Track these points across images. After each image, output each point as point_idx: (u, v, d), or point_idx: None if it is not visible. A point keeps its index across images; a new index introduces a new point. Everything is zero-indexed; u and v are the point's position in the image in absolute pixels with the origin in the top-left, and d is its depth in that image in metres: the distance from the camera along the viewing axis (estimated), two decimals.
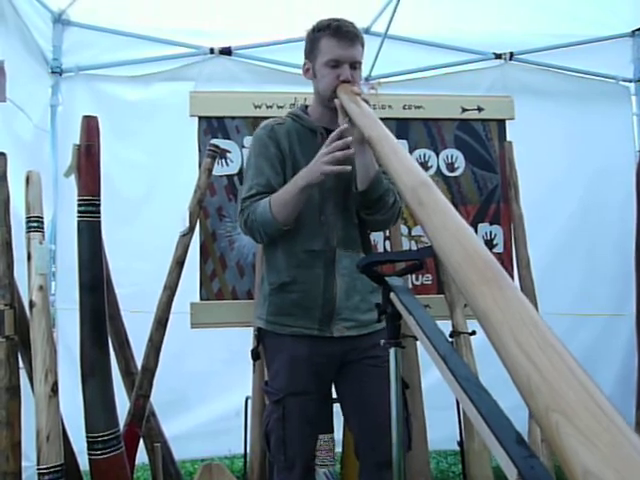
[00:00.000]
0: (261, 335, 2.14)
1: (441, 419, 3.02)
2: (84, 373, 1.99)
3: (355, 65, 2.01)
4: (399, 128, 2.99)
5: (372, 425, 1.97)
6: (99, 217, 2.08)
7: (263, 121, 2.21)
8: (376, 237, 2.84)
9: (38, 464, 1.84)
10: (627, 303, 3.63)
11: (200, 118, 2.94)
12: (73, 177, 2.24)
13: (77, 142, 2.13)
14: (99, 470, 1.97)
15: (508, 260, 3.05)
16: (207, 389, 3.71)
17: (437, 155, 3.08)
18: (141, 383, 2.55)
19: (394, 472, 1.48)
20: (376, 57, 3.73)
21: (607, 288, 3.89)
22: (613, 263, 3.87)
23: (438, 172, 3.06)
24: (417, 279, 3.02)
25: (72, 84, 3.65)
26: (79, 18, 3.61)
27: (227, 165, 2.92)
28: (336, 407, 2.25)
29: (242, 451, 2.95)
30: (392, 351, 1.47)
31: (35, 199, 2.11)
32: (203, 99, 2.99)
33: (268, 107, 2.94)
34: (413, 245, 3.03)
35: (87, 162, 2.08)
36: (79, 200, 2.08)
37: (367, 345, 1.99)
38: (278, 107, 2.92)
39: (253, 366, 2.72)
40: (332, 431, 2.51)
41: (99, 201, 2.09)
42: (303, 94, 2.73)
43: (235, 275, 2.88)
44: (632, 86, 4.07)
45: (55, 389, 1.91)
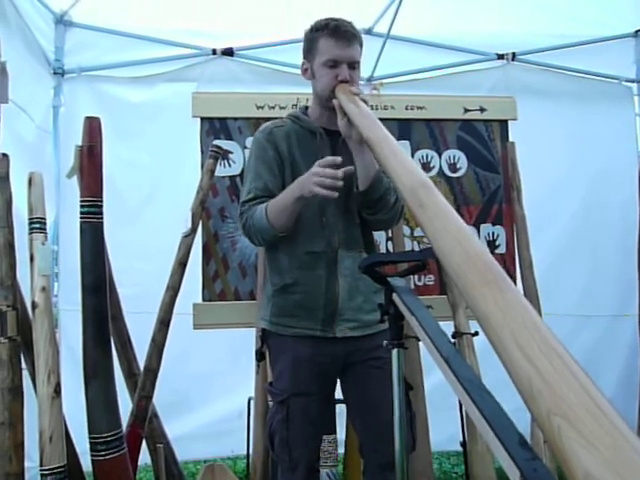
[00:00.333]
0: (265, 336, 2.14)
1: (444, 420, 3.02)
2: (87, 374, 2.00)
3: (353, 65, 2.01)
4: (401, 129, 2.99)
5: (376, 426, 1.97)
6: (101, 218, 2.08)
7: (265, 122, 2.21)
8: (378, 237, 2.84)
9: (41, 465, 1.84)
10: (630, 304, 3.63)
11: (202, 119, 2.95)
12: (75, 178, 2.24)
13: (79, 143, 2.13)
14: (102, 471, 1.97)
15: (511, 261, 3.04)
16: (210, 390, 3.71)
17: (439, 156, 3.08)
18: (144, 384, 2.55)
19: (397, 473, 1.47)
20: (378, 58, 3.73)
21: (610, 289, 3.89)
22: (615, 264, 3.86)
23: (440, 173, 3.06)
24: (419, 280, 3.02)
25: (74, 85, 3.65)
26: (81, 19, 3.62)
27: (229, 166, 2.92)
28: (338, 408, 2.24)
29: (245, 452, 2.96)
30: (394, 352, 1.47)
31: (37, 200, 2.11)
32: (205, 100, 2.99)
33: (270, 108, 2.94)
34: (416, 246, 3.03)
35: (89, 163, 2.08)
36: (81, 201, 2.08)
37: (371, 346, 1.98)
38: (280, 108, 2.92)
39: (256, 367, 2.72)
40: (335, 432, 2.51)
41: (101, 202, 2.09)
42: (305, 95, 2.72)
43: (237, 276, 2.88)
44: (635, 86, 4.07)
45: (58, 390, 1.92)
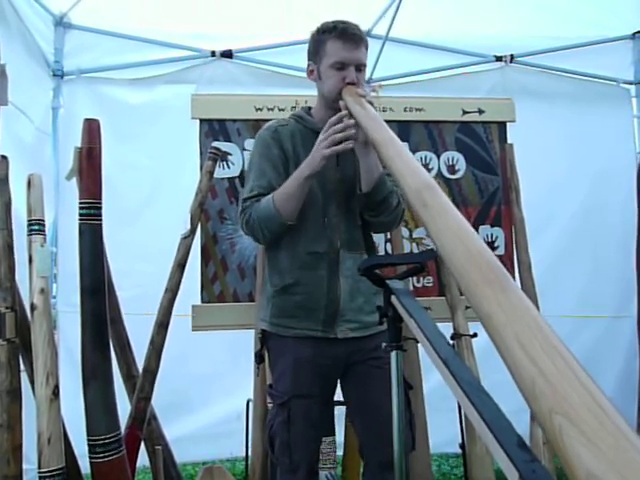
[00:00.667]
0: (265, 337, 2.13)
1: (443, 422, 3.02)
2: (85, 376, 1.99)
3: (360, 67, 2.01)
4: (400, 130, 2.99)
5: (376, 426, 1.96)
6: (100, 220, 2.08)
7: (264, 123, 2.21)
8: (377, 239, 2.84)
9: (39, 467, 1.83)
10: (629, 305, 3.63)
11: (201, 121, 2.95)
12: (74, 180, 2.24)
13: (78, 145, 2.12)
14: (100, 473, 1.97)
15: (509, 262, 3.05)
16: (208, 392, 3.71)
17: (438, 157, 3.08)
18: (142, 386, 2.55)
19: (396, 474, 1.47)
20: (377, 59, 3.74)
21: (609, 290, 3.89)
22: (614, 265, 3.86)
23: (439, 174, 3.06)
24: (418, 281, 3.02)
25: (73, 87, 3.66)
26: (80, 21, 3.62)
27: (228, 168, 2.92)
28: (337, 410, 2.24)
29: (243, 454, 2.95)
30: (393, 354, 1.46)
31: (36, 202, 2.11)
32: (204, 102, 2.99)
33: (269, 110, 2.95)
34: (414, 248, 3.03)
35: (88, 165, 2.08)
36: (80, 203, 2.07)
37: (371, 346, 1.98)
38: (279, 110, 2.92)
39: (256, 369, 2.72)
40: (334, 434, 2.50)
41: (100, 204, 2.08)
42: (304, 96, 2.73)
43: (236, 277, 2.88)
44: (633, 88, 4.08)
45: (56, 392, 1.91)
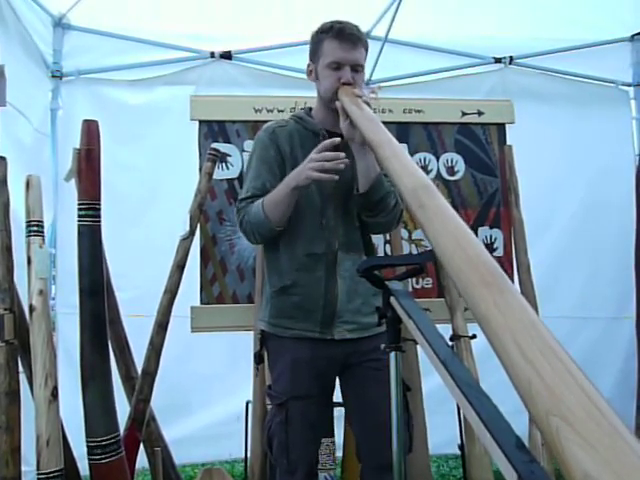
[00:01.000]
0: (264, 337, 2.14)
1: (442, 423, 3.02)
2: (84, 377, 1.99)
3: (357, 68, 2.02)
4: (399, 132, 2.99)
5: (374, 428, 1.96)
6: (99, 221, 2.08)
7: (264, 125, 2.21)
8: (376, 240, 2.85)
9: (38, 469, 1.83)
10: (627, 306, 3.64)
11: (200, 122, 2.95)
12: (73, 181, 2.23)
13: (77, 146, 2.12)
14: (99, 475, 1.96)
15: (508, 264, 3.05)
16: (208, 393, 3.71)
17: (437, 159, 3.08)
18: (141, 387, 2.55)
19: (395, 476, 1.47)
20: (376, 61, 3.74)
21: (607, 291, 3.90)
22: (613, 267, 3.87)
23: (438, 176, 3.06)
24: (417, 283, 3.02)
25: (72, 88, 3.65)
26: (79, 22, 3.62)
27: (227, 169, 2.92)
28: (337, 411, 2.24)
29: (243, 455, 2.95)
30: (392, 356, 1.46)
31: (35, 203, 2.11)
32: (203, 103, 2.99)
33: (268, 111, 2.95)
34: (413, 249, 3.03)
35: (87, 166, 2.07)
36: (79, 204, 2.07)
37: (369, 348, 1.98)
38: (278, 111, 2.92)
39: (255, 370, 2.72)
40: (333, 435, 2.50)
41: (99, 205, 2.08)
42: (303, 98, 2.73)
43: (235, 279, 2.88)
44: (631, 90, 4.08)
45: (55, 393, 1.91)
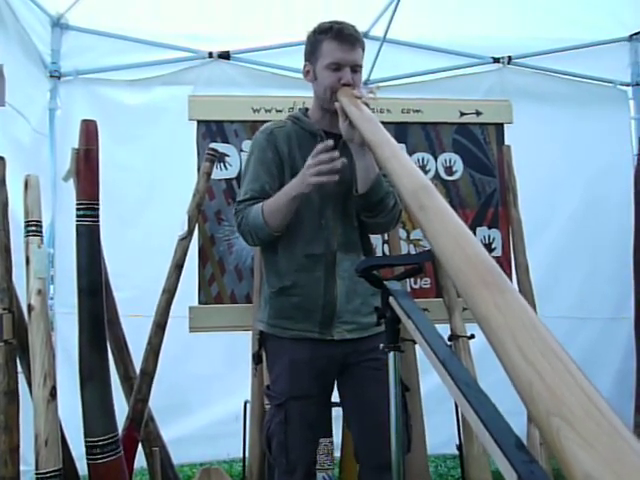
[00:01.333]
0: (263, 338, 2.14)
1: (440, 423, 3.02)
2: (83, 377, 1.99)
3: (356, 68, 2.02)
4: (397, 132, 2.99)
5: (372, 428, 1.96)
6: (98, 221, 2.08)
7: (262, 125, 2.21)
8: (375, 241, 2.85)
9: (36, 468, 1.83)
10: (626, 306, 3.64)
11: (199, 122, 2.95)
12: (72, 181, 2.24)
13: (76, 146, 2.12)
14: (98, 475, 1.96)
15: (506, 264, 3.05)
16: (206, 393, 3.70)
17: (435, 159, 3.08)
18: (140, 387, 2.55)
19: (393, 476, 1.47)
20: (374, 61, 3.74)
21: (606, 291, 3.90)
22: (611, 267, 3.87)
23: (436, 176, 3.06)
24: (415, 283, 3.02)
25: (71, 88, 3.65)
26: (77, 22, 3.62)
27: (226, 169, 2.92)
28: (335, 411, 2.24)
29: (241, 455, 2.95)
30: (391, 355, 1.46)
31: (34, 203, 2.11)
32: (202, 103, 2.99)
33: (267, 111, 2.95)
34: (412, 249, 3.03)
35: (86, 166, 2.08)
36: (78, 204, 2.07)
37: (367, 348, 1.98)
38: (277, 111, 2.92)
39: (254, 370, 2.72)
40: (331, 435, 2.50)
41: (98, 205, 2.08)
42: (302, 98, 2.73)
43: (234, 279, 2.88)
44: (630, 90, 4.09)
45: (53, 393, 1.91)
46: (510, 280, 0.95)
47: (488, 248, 3.04)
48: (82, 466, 2.07)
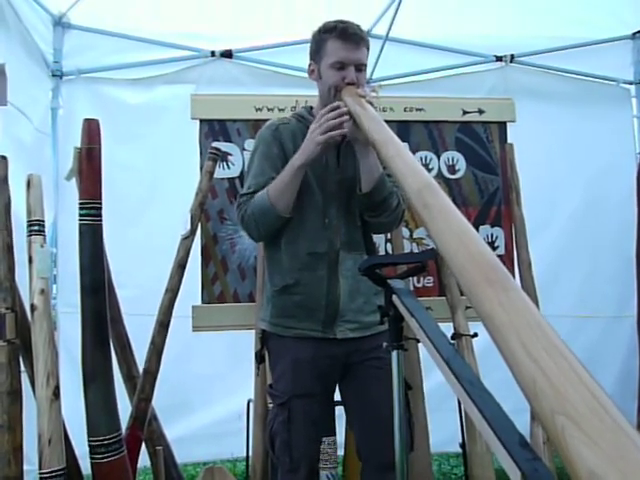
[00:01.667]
0: (265, 337, 2.13)
1: (443, 421, 3.02)
2: (86, 377, 1.99)
3: (360, 67, 2.01)
4: (400, 130, 2.99)
5: (375, 427, 1.96)
6: (100, 220, 2.08)
7: (264, 124, 2.20)
8: (378, 239, 2.85)
9: (40, 468, 1.83)
10: (628, 305, 3.63)
11: (201, 121, 2.95)
12: (74, 180, 2.24)
13: (78, 145, 2.12)
14: (101, 474, 1.96)
15: (509, 262, 3.05)
16: (209, 392, 3.70)
17: (438, 157, 3.08)
18: (143, 386, 2.55)
19: (397, 474, 1.47)
20: (377, 59, 3.73)
21: (608, 290, 3.89)
22: (614, 265, 3.86)
23: (439, 174, 3.06)
24: (418, 281, 3.02)
25: (73, 87, 3.65)
26: (80, 21, 3.62)
27: (228, 168, 2.93)
28: (338, 409, 2.24)
29: (244, 454, 2.95)
30: (394, 354, 1.46)
31: (36, 202, 2.11)
32: (204, 102, 2.99)
33: (269, 110, 2.95)
34: (415, 248, 3.03)
35: (88, 165, 2.07)
36: (80, 203, 2.07)
37: (370, 347, 1.98)
38: (279, 110, 2.92)
39: (256, 369, 2.72)
40: (335, 434, 2.50)
41: (100, 204, 2.08)
42: (304, 96, 2.73)
43: (237, 278, 2.88)
44: (632, 88, 4.08)
45: (57, 393, 1.91)
46: (513, 278, 0.95)
47: (491, 246, 3.04)
48: (85, 465, 2.07)
